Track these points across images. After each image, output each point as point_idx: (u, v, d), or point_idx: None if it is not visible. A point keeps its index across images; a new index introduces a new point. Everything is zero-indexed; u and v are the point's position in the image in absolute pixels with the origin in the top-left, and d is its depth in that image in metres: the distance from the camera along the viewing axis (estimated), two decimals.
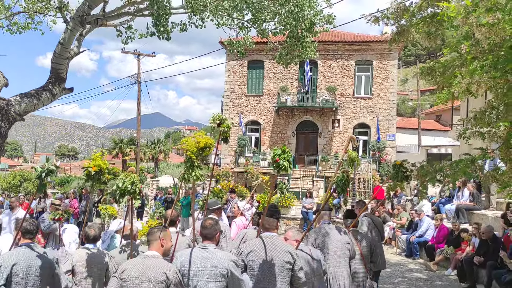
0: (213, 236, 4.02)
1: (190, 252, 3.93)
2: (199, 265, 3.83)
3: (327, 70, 27.96)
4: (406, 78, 75.65)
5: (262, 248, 4.20)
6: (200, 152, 3.87)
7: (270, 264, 4.13)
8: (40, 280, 4.05)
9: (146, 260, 3.72)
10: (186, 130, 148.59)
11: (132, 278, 3.62)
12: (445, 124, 37.34)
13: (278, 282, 4.13)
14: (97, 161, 4.41)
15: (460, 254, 9.65)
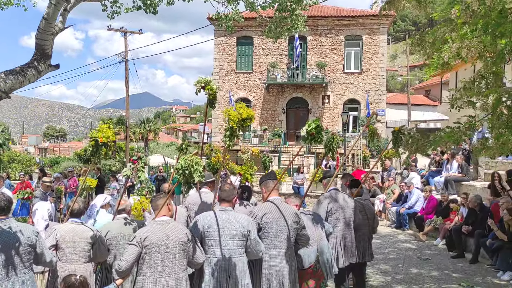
0: (231, 199, 4.28)
1: (212, 215, 4.13)
2: (222, 226, 4.06)
3: (316, 45, 27.78)
4: (396, 53, 75.56)
5: (274, 210, 4.46)
6: (242, 123, 4.00)
7: (282, 225, 4.41)
8: (20, 256, 3.88)
9: (165, 225, 3.88)
10: (176, 110, 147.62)
11: (157, 244, 3.75)
12: (434, 99, 37.50)
13: (288, 241, 4.44)
14: (105, 132, 4.40)
15: (449, 224, 9.84)
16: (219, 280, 3.97)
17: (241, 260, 4.08)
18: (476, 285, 7.18)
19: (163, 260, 3.78)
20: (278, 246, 4.40)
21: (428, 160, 15.95)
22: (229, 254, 4.03)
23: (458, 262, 8.64)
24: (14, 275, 3.83)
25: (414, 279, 7.59)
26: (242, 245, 4.10)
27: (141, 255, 3.78)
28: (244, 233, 4.09)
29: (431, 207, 11.25)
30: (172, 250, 3.79)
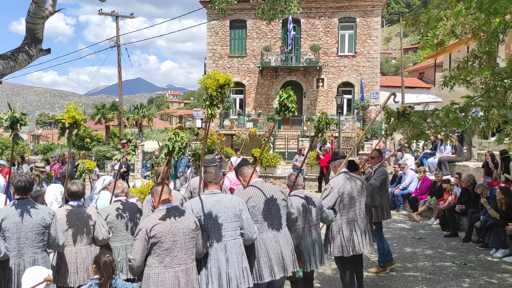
0: (218, 182, 4.13)
1: (202, 199, 4.00)
2: (213, 209, 3.92)
3: (310, 28, 27.60)
4: (390, 36, 75.32)
5: (259, 193, 4.33)
6: (219, 90, 3.78)
7: (269, 206, 4.29)
8: (33, 236, 4.00)
9: (171, 213, 3.72)
10: (169, 95, 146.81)
11: (164, 233, 3.59)
12: (428, 82, 37.53)
13: (278, 221, 4.31)
14: (70, 112, 4.30)
15: (443, 204, 9.95)
16: (219, 265, 3.83)
17: (237, 242, 3.94)
18: (470, 262, 7.30)
19: (172, 250, 3.61)
20: (270, 229, 4.26)
21: (422, 142, 16.04)
22: (225, 237, 3.88)
23: (452, 241, 8.76)
24: (26, 253, 3.96)
25: (409, 257, 7.70)
26: (237, 226, 3.95)
27: (149, 246, 3.61)
28: (237, 213, 3.96)
29: (425, 187, 11.36)
30: (180, 239, 3.63)
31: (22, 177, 4.13)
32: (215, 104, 3.80)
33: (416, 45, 55.79)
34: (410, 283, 6.39)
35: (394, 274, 6.78)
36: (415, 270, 7.01)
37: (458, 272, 6.85)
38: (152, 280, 3.55)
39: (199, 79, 3.87)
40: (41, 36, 8.53)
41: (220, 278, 3.80)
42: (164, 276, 3.55)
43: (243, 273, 3.88)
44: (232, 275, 3.81)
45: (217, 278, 3.80)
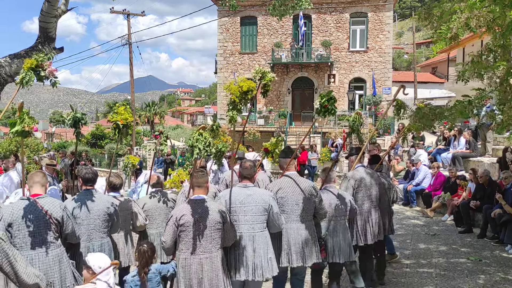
0: (252, 176, 4.38)
1: (235, 191, 4.26)
2: (244, 202, 4.18)
3: (321, 24, 27.45)
4: (402, 31, 74.58)
5: (290, 185, 4.56)
6: (243, 96, 4.03)
7: (298, 199, 4.50)
8: (100, 223, 4.45)
9: (199, 205, 3.96)
10: (181, 93, 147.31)
11: (191, 223, 3.87)
12: (441, 76, 37.12)
13: (305, 214, 4.54)
14: (124, 114, 4.61)
15: (457, 200, 9.84)
16: (245, 254, 4.08)
17: (264, 234, 4.19)
18: (485, 259, 7.22)
19: (198, 239, 3.87)
20: (295, 220, 4.49)
21: (435, 138, 15.89)
22: (253, 228, 4.14)
23: (466, 237, 8.67)
24: (94, 238, 4.43)
25: (423, 254, 7.63)
26: (264, 220, 4.20)
27: (178, 233, 3.92)
28: (266, 208, 4.18)
29: (439, 183, 11.24)
30: (206, 229, 3.87)
31: (89, 170, 4.63)
32: (238, 108, 4.08)
33: (428, 40, 55.18)
34: (424, 279, 6.33)
35: (408, 270, 6.74)
36: (429, 266, 6.95)
37: (473, 268, 6.78)
38: (181, 264, 3.92)
39: (226, 85, 4.12)
40: (54, 34, 8.61)
41: (247, 266, 4.08)
42: (190, 261, 3.86)
43: (268, 263, 4.13)
44: (258, 265, 4.08)
45: (244, 266, 4.08)
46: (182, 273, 3.89)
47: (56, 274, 3.81)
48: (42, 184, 4.05)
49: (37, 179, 4.03)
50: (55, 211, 3.91)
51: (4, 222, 3.74)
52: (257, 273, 4.08)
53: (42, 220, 3.84)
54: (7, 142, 25.45)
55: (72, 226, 4.05)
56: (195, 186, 4.08)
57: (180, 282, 3.90)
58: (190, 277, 3.84)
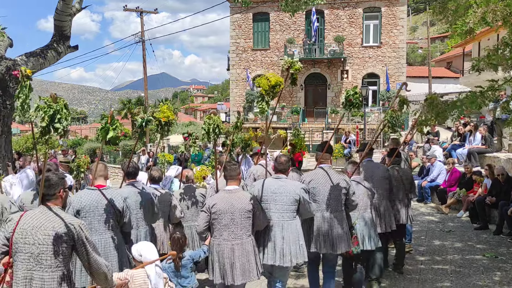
0: (286, 170, 4.65)
1: (268, 181, 4.56)
2: (276, 192, 4.44)
3: (334, 19, 27.28)
4: (416, 25, 73.64)
5: (322, 176, 4.86)
6: (272, 89, 4.32)
7: (329, 190, 4.79)
8: (145, 212, 4.86)
9: (232, 194, 4.27)
10: (193, 90, 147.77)
11: (223, 211, 4.17)
12: (456, 71, 36.62)
13: (336, 204, 4.80)
14: (166, 112, 4.85)
15: (472, 196, 9.72)
16: (275, 241, 4.34)
17: (294, 222, 4.42)
18: (501, 255, 7.13)
19: (229, 226, 4.16)
20: (325, 209, 4.77)
21: (450, 133, 15.71)
22: (282, 217, 4.39)
23: (482, 234, 8.57)
24: (141, 226, 4.83)
25: (437, 250, 7.57)
26: (295, 210, 4.43)
27: (211, 220, 4.22)
28: (297, 199, 4.41)
29: (454, 179, 11.11)
30: (237, 217, 4.16)
31: (131, 164, 5.03)
32: (266, 100, 4.37)
33: (443, 34, 54.45)
34: (439, 276, 6.28)
35: (423, 267, 6.69)
36: (444, 263, 6.89)
37: (488, 265, 6.70)
38: (214, 249, 4.22)
39: (256, 79, 4.44)
40: (68, 33, 8.71)
41: (275, 252, 4.34)
42: (222, 247, 4.17)
43: (299, 249, 4.38)
44: (287, 251, 4.32)
45: (272, 252, 4.35)
46: (216, 258, 4.19)
47: (115, 259, 4.13)
48: (105, 176, 4.47)
49: (100, 172, 4.43)
50: (117, 201, 4.26)
51: (72, 209, 4.06)
52: (285, 259, 4.31)
53: (105, 209, 4.19)
54: (23, 139, 25.88)
55: (129, 216, 4.39)
56: (228, 178, 4.38)
57: (215, 266, 4.20)
58: (223, 262, 4.15)
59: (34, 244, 3.00)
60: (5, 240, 3.10)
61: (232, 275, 4.12)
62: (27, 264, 3.01)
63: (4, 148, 7.18)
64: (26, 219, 3.08)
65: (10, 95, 6.90)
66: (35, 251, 2.99)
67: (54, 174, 3.33)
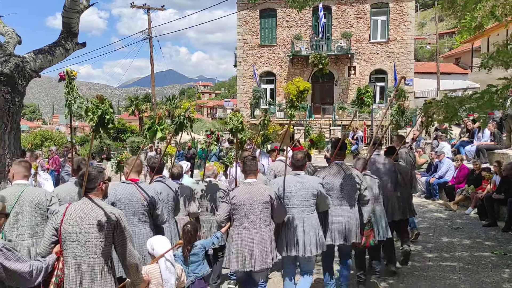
0: (303, 166, 4.91)
1: (287, 178, 4.79)
2: (295, 188, 4.71)
3: (341, 15, 27.13)
4: (424, 21, 73.07)
5: (336, 172, 5.12)
6: (300, 95, 4.56)
7: (342, 185, 5.05)
8: (172, 205, 5.12)
9: (251, 187, 4.54)
10: (200, 86, 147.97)
11: (243, 202, 4.46)
12: (464, 67, 36.31)
13: (349, 199, 5.07)
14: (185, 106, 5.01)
15: (481, 193, 9.65)
16: (296, 233, 4.63)
17: (313, 216, 4.73)
18: (509, 252, 7.07)
19: (248, 216, 4.45)
20: (339, 203, 5.05)
21: (459, 130, 15.58)
22: (302, 211, 4.68)
23: (491, 231, 8.51)
24: (170, 220, 5.10)
25: (446, 247, 7.53)
26: (313, 204, 4.73)
27: (231, 211, 4.51)
28: (315, 194, 4.70)
29: (462, 176, 11.03)
30: (256, 208, 4.45)
31: (156, 159, 5.31)
32: (295, 106, 4.60)
33: (452, 30, 54.01)
34: (447, 273, 6.26)
35: (431, 264, 6.66)
36: (452, 260, 6.85)
37: (497, 262, 6.66)
38: (234, 238, 4.50)
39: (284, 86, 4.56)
40: (76, 30, 8.73)
41: (297, 244, 4.62)
42: (242, 236, 4.46)
43: (319, 241, 4.69)
44: (307, 242, 4.62)
45: (295, 244, 4.64)
46: (235, 246, 4.47)
47: (146, 252, 4.20)
48: (139, 171, 4.67)
49: (137, 168, 4.64)
50: (151, 195, 4.48)
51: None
52: (307, 250, 4.62)
53: (139, 202, 4.39)
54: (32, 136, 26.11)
55: (162, 209, 4.61)
56: (248, 172, 4.65)
57: (232, 254, 4.48)
58: (242, 250, 4.43)
59: (81, 233, 3.30)
60: (54, 231, 3.38)
61: (251, 262, 4.40)
62: (76, 251, 3.31)
63: (13, 144, 7.23)
64: (71, 210, 3.37)
65: (19, 92, 6.94)
66: (82, 239, 3.30)
67: (93, 168, 3.53)
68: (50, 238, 3.39)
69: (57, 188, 5.22)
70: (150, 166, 5.30)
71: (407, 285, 5.84)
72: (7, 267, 2.97)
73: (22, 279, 3.05)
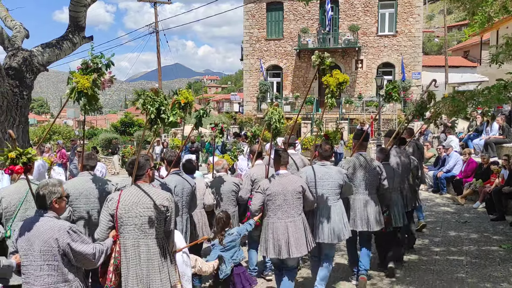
0: (330, 157, 5.24)
1: (315, 168, 5.07)
2: (322, 178, 5.01)
3: (348, 8, 26.93)
4: (432, 14, 72.34)
5: (359, 162, 5.47)
6: (339, 86, 4.89)
7: (365, 175, 5.41)
8: (188, 199, 5.18)
9: (283, 178, 4.72)
10: (207, 80, 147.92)
11: (276, 193, 4.63)
12: (473, 60, 35.92)
13: (371, 188, 5.45)
14: (184, 94, 5.06)
15: (489, 187, 9.59)
16: (322, 220, 4.93)
17: (338, 204, 5.03)
18: None
19: (282, 206, 4.62)
20: (361, 192, 5.41)
21: (467, 123, 15.46)
22: (329, 200, 4.97)
23: (499, 225, 8.46)
24: (184, 213, 5.17)
25: (453, 241, 7.50)
26: (338, 193, 5.04)
27: (265, 201, 4.67)
28: (340, 183, 5.01)
29: (470, 170, 10.96)
30: (289, 198, 4.62)
31: (172, 153, 5.42)
32: (335, 96, 4.92)
33: (460, 23, 53.42)
34: (455, 267, 6.24)
35: (438, 258, 6.64)
36: (459, 254, 6.83)
37: (505, 256, 6.62)
38: (269, 227, 4.66)
39: (324, 78, 5.01)
40: (83, 24, 8.74)
41: (323, 231, 4.91)
42: (277, 225, 4.62)
43: (344, 227, 4.99)
44: (336, 229, 4.91)
45: (322, 231, 4.91)
46: (271, 235, 4.64)
47: None
48: None
49: None
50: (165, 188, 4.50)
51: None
52: (333, 237, 4.90)
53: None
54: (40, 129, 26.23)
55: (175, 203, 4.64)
56: (281, 164, 4.81)
57: (268, 243, 4.64)
58: (278, 238, 4.59)
59: (136, 216, 3.53)
60: (110, 217, 3.60)
61: (288, 250, 4.56)
62: (133, 234, 3.54)
63: (22, 138, 7.28)
64: (125, 197, 3.60)
65: (27, 85, 6.98)
66: (138, 223, 3.53)
67: (142, 157, 3.73)
68: (107, 224, 3.60)
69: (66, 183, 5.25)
70: (167, 160, 5.37)
71: (414, 279, 5.83)
72: (73, 248, 3.13)
73: (86, 260, 3.23)
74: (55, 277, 3.11)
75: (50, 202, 3.23)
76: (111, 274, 3.51)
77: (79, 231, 3.28)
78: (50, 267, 3.09)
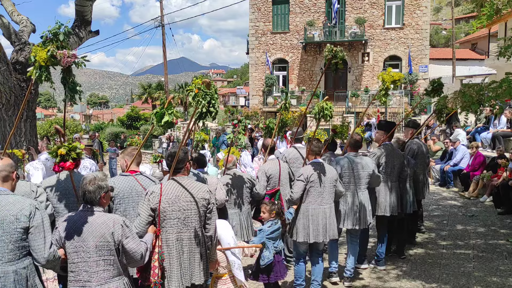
0: (360, 147, 5.63)
1: (348, 159, 5.41)
2: (354, 168, 5.35)
3: (355, 1, 26.75)
4: (440, 6, 71.65)
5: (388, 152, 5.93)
6: (394, 83, 5.17)
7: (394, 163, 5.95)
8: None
9: (321, 166, 4.97)
10: (213, 74, 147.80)
11: (317, 180, 4.91)
12: (481, 53, 35.56)
13: (396, 176, 5.99)
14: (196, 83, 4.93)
15: (496, 181, 9.53)
16: (352, 207, 5.35)
17: (365, 193, 5.46)
18: None
19: (322, 193, 4.94)
20: (391, 180, 5.91)
21: (474, 117, 15.33)
22: (359, 188, 5.39)
23: (506, 219, 8.42)
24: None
25: (460, 235, 7.48)
26: (367, 182, 5.43)
27: (306, 189, 4.91)
28: (370, 173, 5.41)
29: (478, 163, 10.88)
30: (327, 186, 4.95)
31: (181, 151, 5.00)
32: (388, 93, 5.20)
33: (468, 15, 52.90)
34: (461, 260, 6.22)
35: (445, 251, 6.63)
36: (466, 247, 6.81)
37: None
38: (310, 213, 4.95)
39: (379, 75, 5.30)
40: (89, 18, 8.76)
41: (350, 218, 5.36)
42: (317, 210, 4.95)
43: (368, 214, 5.44)
44: (362, 215, 5.37)
45: (352, 216, 5.36)
46: (311, 221, 4.92)
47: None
48: (138, 162, 4.49)
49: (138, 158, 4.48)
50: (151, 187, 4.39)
51: None
52: (361, 222, 5.36)
53: (140, 195, 4.17)
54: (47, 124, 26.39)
55: None
56: (315, 152, 5.05)
57: (309, 228, 4.91)
58: (318, 223, 4.91)
59: (180, 210, 3.55)
60: (151, 211, 3.56)
61: (325, 233, 4.92)
62: (177, 227, 3.55)
63: (29, 132, 7.33)
64: (167, 190, 3.58)
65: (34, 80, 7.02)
66: (181, 216, 3.55)
67: (180, 151, 3.69)
68: (147, 218, 3.55)
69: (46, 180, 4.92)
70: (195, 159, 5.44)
71: (420, 273, 5.83)
72: (124, 245, 3.09)
73: (132, 260, 3.17)
74: (110, 271, 3.07)
75: (99, 197, 3.15)
76: (156, 269, 3.47)
77: (131, 225, 3.23)
78: (106, 261, 3.05)
